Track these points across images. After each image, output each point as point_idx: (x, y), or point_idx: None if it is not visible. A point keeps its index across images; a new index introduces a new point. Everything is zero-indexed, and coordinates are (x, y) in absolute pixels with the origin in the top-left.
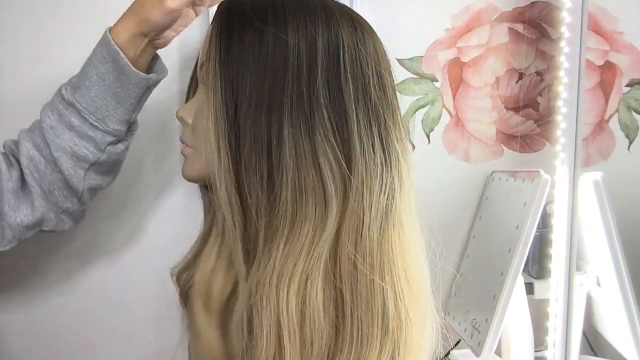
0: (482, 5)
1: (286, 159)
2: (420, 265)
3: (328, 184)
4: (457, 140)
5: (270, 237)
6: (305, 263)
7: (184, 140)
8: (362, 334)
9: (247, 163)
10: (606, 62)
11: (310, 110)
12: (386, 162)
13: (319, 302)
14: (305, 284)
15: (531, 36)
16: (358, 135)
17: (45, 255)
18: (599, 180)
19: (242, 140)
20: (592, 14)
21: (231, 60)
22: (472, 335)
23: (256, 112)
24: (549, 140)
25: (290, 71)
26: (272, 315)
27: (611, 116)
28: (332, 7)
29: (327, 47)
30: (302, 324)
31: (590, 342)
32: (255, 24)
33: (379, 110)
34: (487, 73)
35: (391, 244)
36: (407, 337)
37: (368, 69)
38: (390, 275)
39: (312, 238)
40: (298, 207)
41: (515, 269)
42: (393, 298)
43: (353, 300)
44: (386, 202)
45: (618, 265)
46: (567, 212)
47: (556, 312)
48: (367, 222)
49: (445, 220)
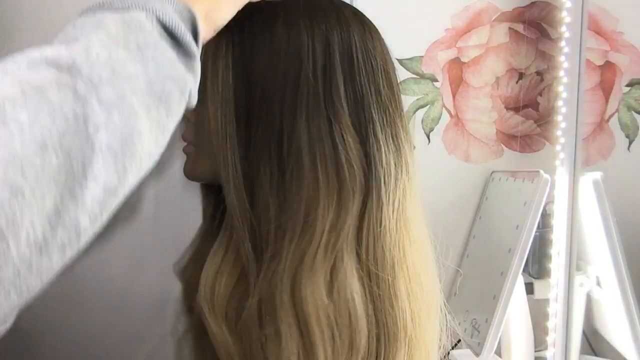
0: (482, 5)
1: (303, 156)
2: (429, 262)
3: (348, 180)
4: (457, 140)
5: (282, 235)
6: (327, 258)
7: (186, 138)
8: (390, 332)
9: (257, 159)
10: (606, 62)
11: (327, 108)
12: (399, 160)
13: (349, 297)
14: (331, 280)
15: (531, 36)
16: (374, 133)
17: None
18: (599, 180)
19: (253, 137)
20: (592, 14)
21: (243, 55)
22: (472, 335)
23: (269, 107)
24: (549, 140)
25: (305, 68)
26: (299, 311)
27: (611, 116)
28: (340, 7)
29: (341, 45)
30: (336, 319)
31: (590, 342)
32: (266, 18)
33: (389, 108)
34: (487, 73)
35: (404, 240)
36: (417, 334)
37: (378, 68)
38: (403, 271)
39: (329, 235)
40: (315, 203)
41: (515, 269)
42: (407, 296)
43: (378, 298)
44: (400, 199)
45: (618, 265)
46: (567, 212)
47: (556, 312)
48: (384, 218)
49: (445, 220)
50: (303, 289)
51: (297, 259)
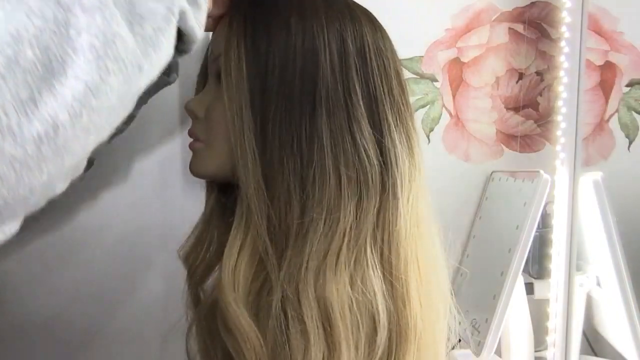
0: (482, 5)
1: (326, 152)
2: (439, 263)
3: (369, 177)
4: (457, 140)
5: (305, 230)
6: (350, 254)
7: (195, 135)
8: (401, 331)
9: (278, 155)
10: (606, 62)
11: (346, 105)
12: (411, 158)
13: (372, 294)
14: (355, 276)
15: (531, 36)
16: (388, 130)
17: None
18: (599, 180)
19: (271, 134)
20: (592, 14)
21: (258, 52)
22: (472, 335)
23: (287, 102)
24: (549, 140)
25: (322, 65)
26: (323, 307)
27: (611, 116)
28: (353, 6)
29: (355, 44)
30: (359, 316)
31: (590, 342)
32: (280, 16)
33: (401, 107)
34: (487, 73)
35: (416, 239)
36: (427, 334)
37: (390, 67)
38: (414, 270)
39: (351, 231)
40: (338, 199)
41: (515, 269)
42: (418, 296)
43: (392, 297)
44: (414, 197)
45: (618, 265)
46: (567, 212)
47: (556, 312)
48: (400, 215)
49: (445, 220)
50: (328, 285)
51: (321, 256)
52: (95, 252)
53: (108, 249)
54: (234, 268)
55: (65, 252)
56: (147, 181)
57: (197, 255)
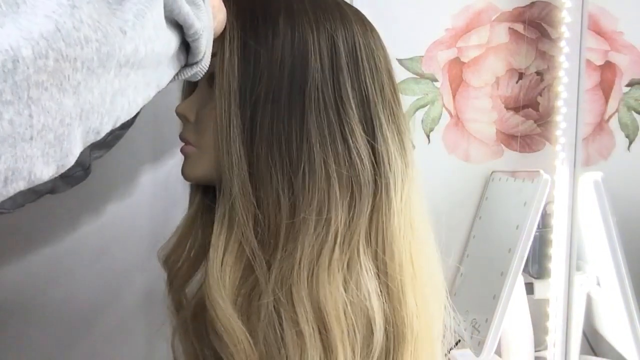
0: (482, 5)
1: (315, 153)
2: (433, 260)
3: (360, 176)
4: (457, 140)
5: (295, 232)
6: (343, 255)
7: (185, 138)
8: (398, 330)
9: (265, 155)
10: (606, 62)
11: (336, 105)
12: (404, 157)
13: (366, 295)
14: (349, 278)
15: (531, 36)
16: (380, 130)
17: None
18: (599, 180)
19: (259, 134)
20: (592, 14)
21: (248, 53)
22: (472, 335)
23: (275, 103)
24: (549, 140)
25: (312, 66)
26: (317, 309)
27: (611, 116)
28: (343, 6)
29: (346, 45)
30: (354, 317)
31: (590, 342)
32: (269, 16)
33: (393, 106)
34: (487, 73)
35: (410, 238)
36: (423, 332)
37: (382, 67)
38: (409, 269)
39: (344, 232)
40: (328, 199)
41: (515, 269)
42: (413, 295)
43: (388, 296)
44: (407, 196)
45: (618, 265)
46: (567, 212)
47: (556, 312)
48: (393, 215)
49: (445, 220)
50: (321, 287)
51: (314, 257)
52: (96, 252)
53: (108, 249)
54: (220, 269)
55: (66, 251)
56: (148, 182)
57: (178, 257)
